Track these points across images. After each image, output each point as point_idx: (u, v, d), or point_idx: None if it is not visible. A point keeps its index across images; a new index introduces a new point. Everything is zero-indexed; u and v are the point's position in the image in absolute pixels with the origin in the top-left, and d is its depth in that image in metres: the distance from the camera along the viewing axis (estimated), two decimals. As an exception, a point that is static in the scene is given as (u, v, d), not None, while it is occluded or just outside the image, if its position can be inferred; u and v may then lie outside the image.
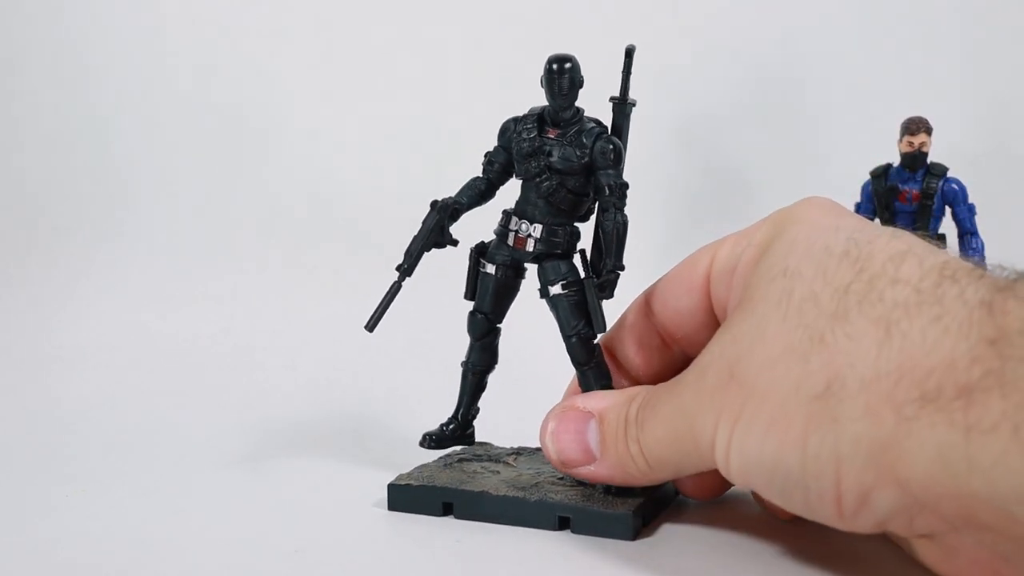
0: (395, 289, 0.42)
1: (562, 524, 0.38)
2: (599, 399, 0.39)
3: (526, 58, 0.85)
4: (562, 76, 0.40)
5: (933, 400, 0.28)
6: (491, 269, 0.42)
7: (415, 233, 0.42)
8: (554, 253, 0.42)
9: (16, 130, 0.89)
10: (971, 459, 0.27)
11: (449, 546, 0.37)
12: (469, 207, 0.43)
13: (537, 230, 0.41)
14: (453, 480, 0.40)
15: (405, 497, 0.40)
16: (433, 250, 0.43)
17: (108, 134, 0.89)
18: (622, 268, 0.41)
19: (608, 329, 0.42)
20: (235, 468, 0.47)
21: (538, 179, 0.41)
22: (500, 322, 0.44)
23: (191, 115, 0.90)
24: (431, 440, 0.43)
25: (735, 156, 0.94)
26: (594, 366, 0.41)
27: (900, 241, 0.32)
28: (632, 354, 0.42)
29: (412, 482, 0.40)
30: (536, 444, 0.42)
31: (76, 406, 0.60)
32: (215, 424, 0.55)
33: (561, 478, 0.41)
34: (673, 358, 0.41)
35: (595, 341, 0.41)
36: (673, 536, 0.38)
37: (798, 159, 0.93)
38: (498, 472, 0.42)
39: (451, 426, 0.44)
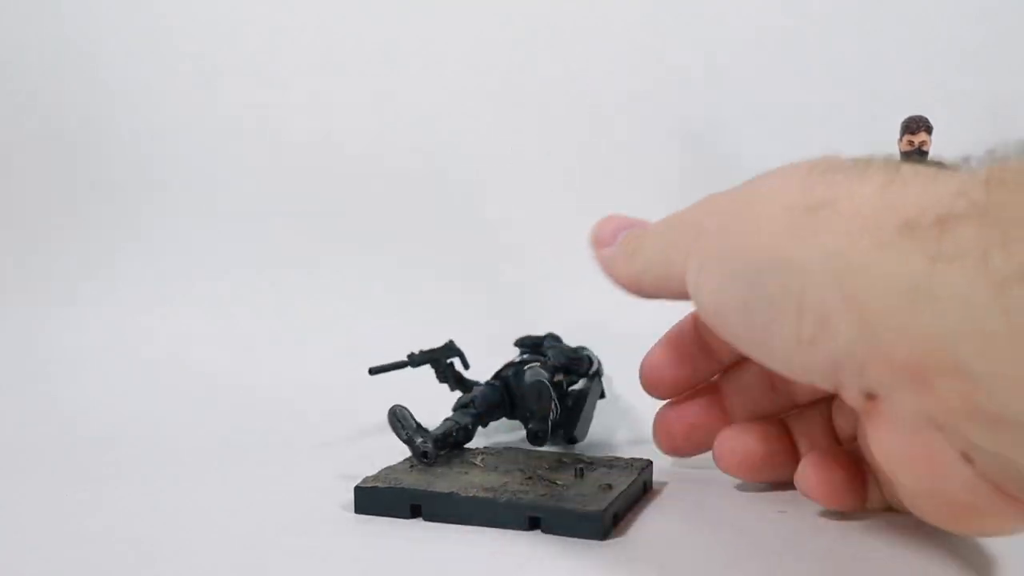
0: (402, 364, 0.47)
1: (532, 524, 0.37)
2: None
3: (525, 58, 0.85)
4: None
5: (912, 229, 0.27)
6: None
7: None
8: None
9: (16, 131, 0.90)
10: (929, 289, 0.26)
11: (417, 549, 0.36)
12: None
13: None
14: (421, 482, 0.39)
15: (372, 500, 0.39)
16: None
17: (108, 135, 0.90)
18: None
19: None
20: (230, 467, 0.47)
21: None
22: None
23: (192, 116, 0.90)
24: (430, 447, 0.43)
25: (735, 155, 0.93)
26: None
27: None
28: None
29: (379, 484, 0.39)
30: (501, 444, 0.41)
31: (75, 407, 0.60)
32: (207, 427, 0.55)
33: (530, 478, 0.39)
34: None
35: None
36: (646, 534, 0.37)
37: (799, 158, 0.92)
38: (466, 473, 0.41)
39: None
